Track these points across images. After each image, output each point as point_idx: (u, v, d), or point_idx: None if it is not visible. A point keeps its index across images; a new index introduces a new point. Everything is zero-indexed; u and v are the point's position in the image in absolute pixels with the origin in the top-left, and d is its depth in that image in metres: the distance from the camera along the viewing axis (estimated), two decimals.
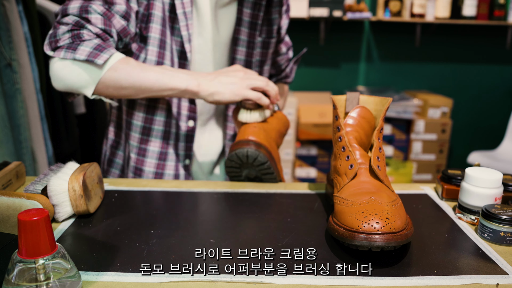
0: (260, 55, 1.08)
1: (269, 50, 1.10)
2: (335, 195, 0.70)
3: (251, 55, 1.05)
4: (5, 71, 1.33)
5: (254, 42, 1.05)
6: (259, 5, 1.03)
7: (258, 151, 0.88)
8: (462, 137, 3.47)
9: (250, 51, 1.05)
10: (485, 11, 3.02)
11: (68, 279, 0.52)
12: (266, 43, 1.08)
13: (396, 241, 0.59)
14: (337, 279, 0.58)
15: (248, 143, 0.89)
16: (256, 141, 0.89)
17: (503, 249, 0.66)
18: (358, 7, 3.01)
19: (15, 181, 0.84)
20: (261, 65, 1.10)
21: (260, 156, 0.88)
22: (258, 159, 0.88)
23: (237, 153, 0.88)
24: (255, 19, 1.03)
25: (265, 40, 1.07)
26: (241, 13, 1.02)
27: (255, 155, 0.88)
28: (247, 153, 0.87)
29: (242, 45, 1.04)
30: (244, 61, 1.06)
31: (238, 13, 1.03)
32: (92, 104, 2.31)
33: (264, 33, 1.08)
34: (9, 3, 1.34)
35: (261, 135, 0.91)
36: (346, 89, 3.26)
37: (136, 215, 0.76)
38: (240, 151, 0.88)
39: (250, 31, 1.04)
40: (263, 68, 1.11)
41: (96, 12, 0.89)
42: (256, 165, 0.89)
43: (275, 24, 1.09)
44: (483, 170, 0.74)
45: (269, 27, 1.08)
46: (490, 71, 3.36)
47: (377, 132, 0.72)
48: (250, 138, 0.90)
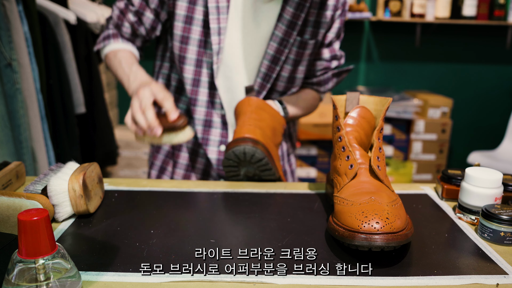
0: (295, 54, 1.06)
1: (306, 51, 1.07)
2: (335, 195, 0.70)
3: (282, 52, 1.04)
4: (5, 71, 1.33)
5: (288, 40, 1.03)
6: (302, 6, 1.02)
7: (255, 147, 0.87)
8: (462, 137, 3.47)
9: (281, 48, 1.04)
10: (485, 11, 3.02)
11: (68, 279, 0.52)
12: (303, 43, 1.05)
13: (396, 241, 0.59)
14: (337, 279, 0.58)
15: (244, 141, 0.88)
16: (253, 138, 0.89)
17: (503, 249, 0.66)
18: (358, 7, 3.01)
19: (15, 181, 0.84)
20: (295, 64, 1.07)
21: (257, 152, 0.87)
22: (256, 155, 0.88)
23: (234, 151, 0.88)
24: (296, 19, 1.02)
25: (303, 40, 1.05)
26: (284, 10, 1.02)
27: (252, 151, 0.87)
28: (244, 150, 0.87)
29: (274, 41, 1.04)
30: (272, 56, 1.04)
31: (281, 9, 1.02)
32: (92, 104, 2.31)
33: (308, 34, 1.06)
34: (9, 3, 1.34)
35: (257, 132, 0.91)
36: (346, 89, 3.26)
37: (136, 215, 0.76)
38: (237, 148, 0.88)
39: (287, 29, 1.03)
40: (297, 67, 1.08)
41: (117, 8, 1.10)
42: (254, 162, 0.89)
43: (323, 27, 1.07)
44: (483, 170, 0.74)
45: (316, 29, 1.06)
46: (490, 71, 3.36)
47: (377, 132, 0.72)
48: (246, 136, 0.89)
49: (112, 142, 2.59)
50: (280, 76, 1.07)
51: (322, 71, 1.14)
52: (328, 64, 1.14)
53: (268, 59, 1.05)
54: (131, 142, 3.03)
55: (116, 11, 1.10)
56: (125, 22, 1.09)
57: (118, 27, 1.10)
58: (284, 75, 1.08)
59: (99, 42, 1.12)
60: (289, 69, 1.07)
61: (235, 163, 0.90)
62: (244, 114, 0.97)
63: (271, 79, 1.06)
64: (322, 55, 1.12)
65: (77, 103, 2.05)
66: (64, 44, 1.95)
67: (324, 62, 1.13)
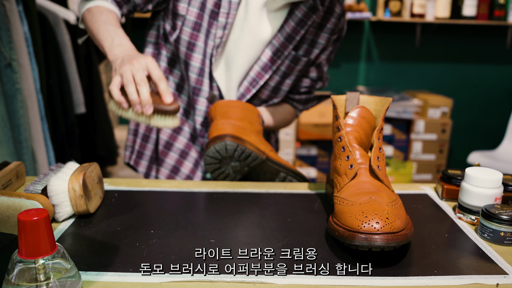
0: (286, 66, 1.07)
1: (297, 67, 1.08)
2: (335, 195, 0.70)
3: (274, 62, 1.05)
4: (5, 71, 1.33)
5: (283, 52, 1.05)
6: (304, 23, 1.03)
7: (223, 141, 0.87)
8: (462, 137, 3.47)
9: (274, 58, 1.05)
10: (485, 11, 3.02)
11: (68, 279, 0.52)
12: (296, 59, 1.07)
13: (396, 241, 0.59)
14: (337, 279, 0.58)
15: (213, 141, 0.89)
16: (220, 134, 0.89)
17: (503, 249, 0.66)
18: (358, 7, 3.01)
19: (15, 181, 0.84)
20: (283, 76, 1.09)
21: (228, 144, 0.87)
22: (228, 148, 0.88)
23: (208, 153, 0.89)
24: (295, 33, 1.04)
25: (297, 56, 1.07)
26: (286, 22, 1.04)
27: (222, 146, 0.88)
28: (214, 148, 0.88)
29: (270, 49, 1.05)
30: (264, 63, 1.06)
31: (284, 21, 1.04)
32: (92, 104, 2.31)
33: (303, 51, 1.07)
34: (9, 3, 1.34)
35: (225, 128, 0.91)
36: (346, 89, 3.26)
37: (136, 215, 0.76)
38: (209, 151, 0.88)
39: (285, 41, 1.04)
40: (284, 80, 1.09)
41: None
42: (230, 155, 0.89)
43: (317, 47, 1.09)
44: (483, 170, 0.74)
45: (310, 47, 1.08)
46: (490, 71, 3.36)
47: (377, 132, 0.72)
48: (215, 135, 0.89)
49: (112, 142, 2.59)
50: (266, 85, 1.08)
51: (306, 88, 1.16)
52: (314, 83, 1.16)
53: (260, 65, 1.06)
54: None
55: None
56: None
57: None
58: (271, 84, 1.09)
59: (81, 3, 1.02)
60: (277, 80, 1.09)
61: (216, 160, 0.91)
62: (212, 120, 0.97)
63: (258, 86, 1.07)
64: (309, 73, 1.14)
65: (77, 103, 2.05)
66: (64, 44, 1.95)
67: (310, 81, 1.15)
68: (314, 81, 1.15)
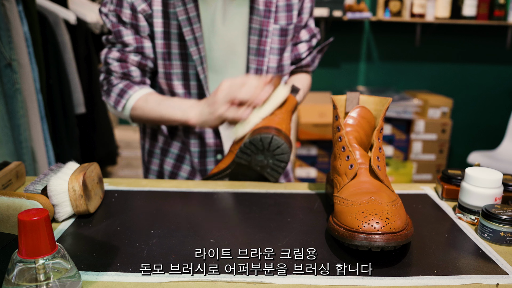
0: (278, 42, 1.06)
1: (288, 38, 1.07)
2: (335, 195, 0.70)
3: (264, 43, 1.04)
4: (5, 71, 1.33)
5: (267, 30, 1.03)
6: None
7: (282, 139, 0.88)
8: (462, 137, 3.47)
9: (263, 39, 1.04)
10: (485, 11, 3.01)
11: (68, 279, 0.52)
12: (284, 30, 1.06)
13: (396, 241, 0.59)
14: (337, 279, 0.58)
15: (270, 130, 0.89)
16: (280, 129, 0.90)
17: (503, 249, 0.66)
18: (358, 7, 3.01)
19: (15, 181, 0.84)
20: (280, 52, 1.08)
21: (283, 144, 0.88)
22: (281, 147, 0.88)
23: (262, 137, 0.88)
24: (269, 6, 1.03)
25: (283, 27, 1.05)
26: (253, 1, 1.02)
27: (281, 144, 0.88)
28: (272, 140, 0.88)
29: (254, 34, 1.04)
30: (256, 49, 1.05)
31: (251, 2, 1.03)
32: (92, 104, 2.31)
33: (283, 20, 1.06)
34: (9, 3, 1.34)
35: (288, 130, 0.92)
36: (346, 89, 3.26)
37: (136, 215, 0.76)
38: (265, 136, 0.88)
39: (263, 19, 1.03)
40: (283, 55, 1.09)
41: (114, 60, 1.05)
42: (273, 151, 0.89)
43: (294, 9, 1.07)
44: (483, 170, 0.74)
45: (288, 12, 1.06)
46: (490, 71, 3.36)
47: (377, 132, 0.72)
48: (282, 128, 0.90)
49: (112, 142, 2.59)
50: (269, 68, 1.08)
51: (306, 51, 1.15)
52: (310, 43, 1.16)
53: (253, 53, 1.05)
54: (131, 142, 3.03)
55: (114, 64, 1.04)
56: (130, 66, 1.04)
57: (126, 75, 1.05)
58: (273, 65, 1.08)
59: (118, 102, 1.05)
60: (276, 58, 1.08)
61: (256, 149, 0.90)
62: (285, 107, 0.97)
63: (263, 72, 1.06)
64: (302, 38, 1.14)
65: (77, 103, 2.05)
66: (64, 44, 1.95)
67: (305, 43, 1.15)
68: (309, 41, 1.16)
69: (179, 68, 1.04)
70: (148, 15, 1.01)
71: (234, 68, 1.07)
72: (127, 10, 1.01)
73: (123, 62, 1.04)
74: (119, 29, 1.03)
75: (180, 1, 0.99)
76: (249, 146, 0.89)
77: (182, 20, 1.00)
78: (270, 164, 0.91)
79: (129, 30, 1.03)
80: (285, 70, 1.12)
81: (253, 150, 0.90)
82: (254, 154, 0.90)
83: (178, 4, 0.99)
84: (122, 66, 1.05)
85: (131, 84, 1.06)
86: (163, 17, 1.01)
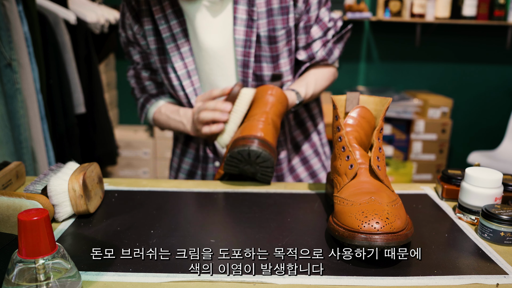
0: (269, 50, 1.03)
1: (280, 44, 1.03)
2: (335, 195, 0.70)
3: (248, 54, 1.02)
4: (5, 71, 1.33)
5: (250, 40, 1.01)
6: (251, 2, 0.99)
7: (263, 150, 0.87)
8: (462, 137, 3.47)
9: (246, 51, 1.02)
10: (485, 11, 3.01)
11: (68, 279, 0.52)
12: (272, 38, 1.02)
13: (396, 241, 0.59)
14: (337, 279, 0.58)
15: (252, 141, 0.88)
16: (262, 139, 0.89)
17: (503, 249, 0.66)
18: (358, 7, 3.01)
19: (15, 181, 0.84)
20: (273, 60, 1.04)
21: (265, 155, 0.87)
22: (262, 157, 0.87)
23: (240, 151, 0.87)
24: (251, 15, 1.00)
25: (271, 35, 1.02)
26: (236, 11, 1.01)
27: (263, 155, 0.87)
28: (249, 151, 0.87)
29: (238, 45, 1.02)
30: (242, 61, 1.03)
31: (234, 11, 1.01)
32: (92, 104, 2.31)
33: (280, 24, 1.01)
34: (9, 3, 1.34)
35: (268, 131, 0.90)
36: (346, 89, 3.26)
37: (136, 215, 0.76)
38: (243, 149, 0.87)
39: (246, 29, 1.01)
40: (277, 62, 1.04)
41: (131, 77, 1.17)
42: (259, 163, 0.89)
43: (290, 12, 1.01)
44: (483, 170, 0.74)
45: (285, 16, 1.01)
46: (490, 71, 3.36)
47: (377, 132, 0.72)
48: (258, 135, 0.89)
49: (112, 142, 2.59)
50: (262, 76, 1.05)
51: (322, 48, 1.09)
52: (325, 39, 1.08)
53: (240, 65, 1.04)
54: (131, 142, 3.03)
55: (132, 81, 1.17)
56: (144, 81, 1.15)
57: (143, 90, 1.16)
58: (267, 74, 1.05)
59: (141, 115, 1.18)
60: (270, 66, 1.04)
61: (239, 161, 0.90)
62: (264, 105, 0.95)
63: (249, 84, 1.05)
64: (314, 36, 1.07)
65: (77, 103, 2.05)
66: (64, 44, 1.95)
67: (320, 41, 1.08)
68: (323, 37, 1.08)
69: (177, 80, 1.08)
70: (142, 35, 1.07)
71: (226, 82, 1.07)
72: (129, 31, 1.09)
73: (138, 78, 1.16)
74: (129, 49, 1.13)
75: (163, 19, 1.03)
76: (231, 160, 0.90)
77: (166, 37, 1.04)
78: (258, 170, 0.91)
79: (136, 49, 1.12)
80: (285, 77, 1.08)
81: (236, 162, 0.90)
82: (240, 164, 0.91)
83: (161, 23, 1.03)
84: (138, 82, 1.16)
85: (149, 97, 1.16)
86: (155, 34, 1.05)
